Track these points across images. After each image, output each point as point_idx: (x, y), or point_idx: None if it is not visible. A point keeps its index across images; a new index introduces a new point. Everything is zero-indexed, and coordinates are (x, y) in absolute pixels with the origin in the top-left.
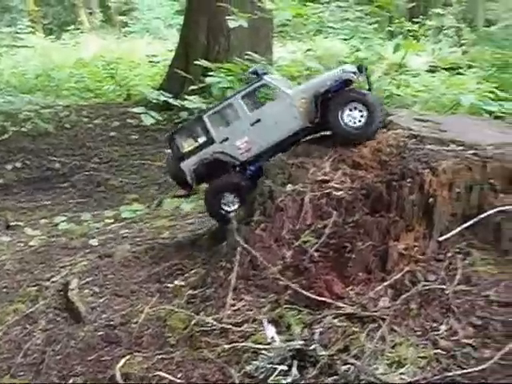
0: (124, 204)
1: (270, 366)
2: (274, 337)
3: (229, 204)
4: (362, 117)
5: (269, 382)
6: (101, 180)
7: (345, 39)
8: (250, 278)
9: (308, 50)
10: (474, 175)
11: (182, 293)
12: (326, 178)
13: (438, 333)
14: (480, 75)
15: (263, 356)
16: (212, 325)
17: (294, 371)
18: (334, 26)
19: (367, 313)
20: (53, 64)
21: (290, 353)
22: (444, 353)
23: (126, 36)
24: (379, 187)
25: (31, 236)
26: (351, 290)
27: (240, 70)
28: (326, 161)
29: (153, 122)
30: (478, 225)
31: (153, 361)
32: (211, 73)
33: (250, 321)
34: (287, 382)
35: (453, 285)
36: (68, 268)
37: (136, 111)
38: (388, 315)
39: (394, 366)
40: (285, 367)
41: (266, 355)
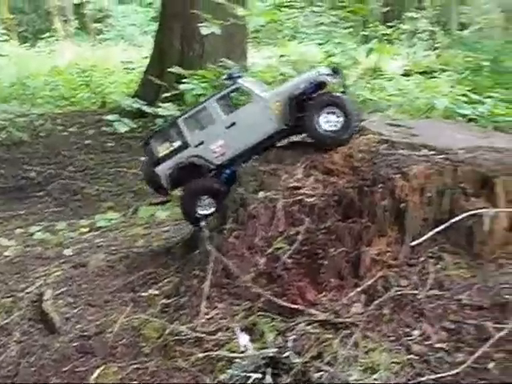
0: (100, 212)
1: (244, 374)
2: (246, 345)
3: (204, 207)
4: (338, 121)
5: None
6: (76, 188)
7: (320, 44)
8: (224, 286)
9: (281, 55)
10: (446, 180)
11: (155, 302)
12: (298, 184)
13: (411, 338)
14: (454, 78)
15: (237, 364)
16: (186, 334)
17: (267, 379)
18: (308, 31)
19: (340, 319)
20: (28, 72)
21: (263, 360)
22: (417, 358)
23: (101, 43)
24: (351, 193)
25: (6, 246)
26: (324, 296)
27: (213, 76)
28: (298, 167)
29: (127, 129)
30: (450, 229)
31: (127, 371)
32: (185, 80)
33: (224, 329)
34: None
35: (425, 289)
36: (43, 278)
37: (109, 119)
38: (361, 321)
39: (368, 371)
40: (259, 375)
41: (239, 363)
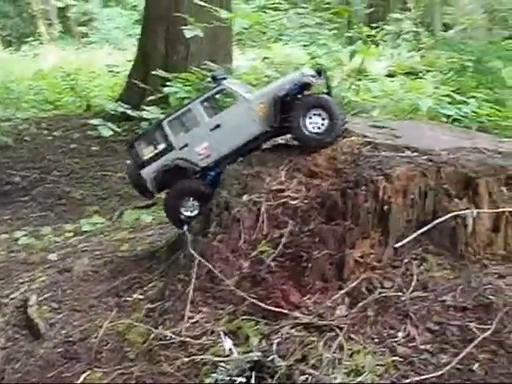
0: (85, 217)
1: (229, 378)
2: (231, 349)
3: (189, 209)
4: (323, 123)
5: None
6: (61, 193)
7: (304, 46)
8: (208, 290)
9: (265, 58)
10: (429, 181)
11: (140, 306)
12: (281, 187)
13: (396, 340)
14: (438, 79)
15: (222, 368)
16: (171, 338)
17: (252, 383)
18: (292, 32)
19: (324, 322)
20: (12, 76)
21: (248, 364)
22: (402, 359)
23: (85, 47)
24: (334, 195)
25: None
26: (308, 299)
27: (197, 79)
28: (282, 170)
29: (111, 133)
30: (434, 230)
31: (112, 376)
32: (169, 83)
33: (209, 333)
34: None
35: (409, 291)
36: (27, 284)
37: (93, 123)
38: (345, 323)
39: (352, 374)
40: (243, 379)
41: (224, 367)
